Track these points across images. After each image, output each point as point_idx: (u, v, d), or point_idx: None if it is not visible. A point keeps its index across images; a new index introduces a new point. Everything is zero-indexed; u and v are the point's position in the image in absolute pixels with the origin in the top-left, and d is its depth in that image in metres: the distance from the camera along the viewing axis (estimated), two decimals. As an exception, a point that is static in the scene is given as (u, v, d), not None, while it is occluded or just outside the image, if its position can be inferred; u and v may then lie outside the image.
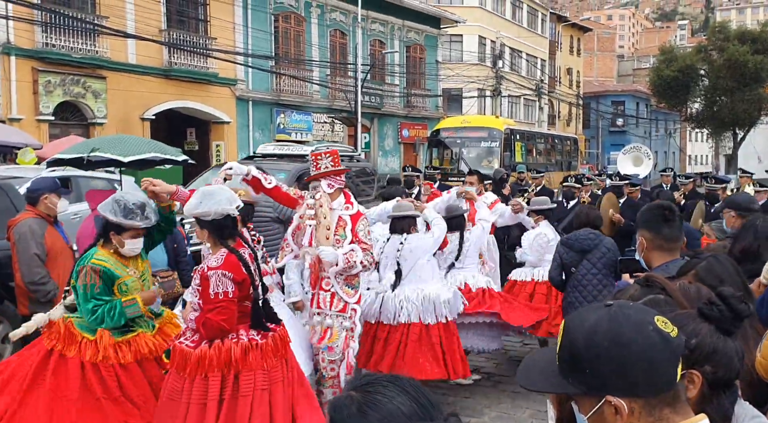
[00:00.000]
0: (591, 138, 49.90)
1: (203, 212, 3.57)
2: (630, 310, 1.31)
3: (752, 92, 35.84)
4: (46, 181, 5.34)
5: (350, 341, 4.64)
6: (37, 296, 4.97)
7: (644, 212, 3.10)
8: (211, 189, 3.69)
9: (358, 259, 4.49)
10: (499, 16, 39.66)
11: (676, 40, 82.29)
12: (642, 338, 1.26)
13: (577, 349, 1.30)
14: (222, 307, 3.46)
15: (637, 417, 1.28)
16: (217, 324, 3.47)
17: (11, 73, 16.64)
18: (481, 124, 22.18)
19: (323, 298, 4.63)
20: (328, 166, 4.63)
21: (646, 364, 1.25)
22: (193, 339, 3.58)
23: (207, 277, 3.49)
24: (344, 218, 4.61)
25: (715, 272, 2.35)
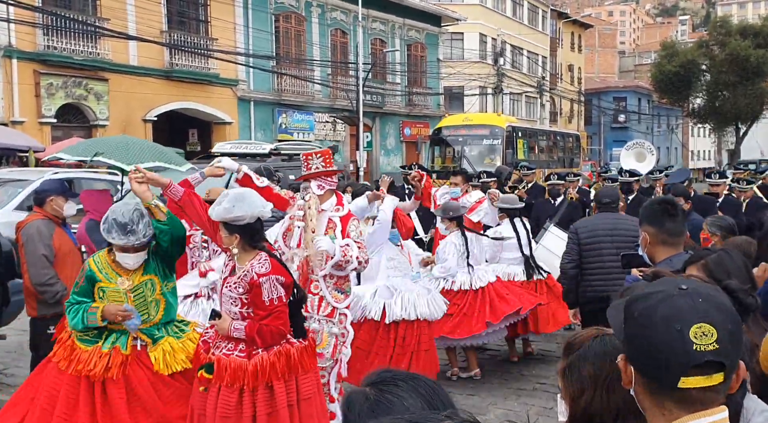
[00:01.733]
0: (593, 134, 49.83)
1: (238, 217, 3.42)
2: (685, 303, 1.30)
3: (754, 87, 35.83)
4: (53, 183, 5.35)
5: (342, 347, 4.50)
6: (46, 297, 4.98)
7: (647, 207, 3.11)
8: (241, 192, 3.57)
9: (354, 254, 4.36)
10: (499, 14, 39.63)
11: (678, 35, 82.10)
12: (662, 331, 1.27)
13: (627, 302, 1.36)
14: (278, 313, 3.42)
15: (642, 389, 1.33)
16: (276, 329, 3.42)
17: (13, 76, 16.69)
18: (482, 121, 22.15)
19: (311, 302, 4.47)
20: (319, 167, 4.49)
21: (652, 353, 1.28)
22: (241, 349, 3.46)
23: (259, 284, 3.40)
24: (334, 220, 4.48)
25: (725, 265, 2.35)
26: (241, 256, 3.51)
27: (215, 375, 3.41)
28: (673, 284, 1.35)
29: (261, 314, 3.42)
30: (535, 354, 6.85)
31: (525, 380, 6.13)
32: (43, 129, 17.14)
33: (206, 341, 3.59)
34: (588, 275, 5.22)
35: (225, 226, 3.48)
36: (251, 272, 3.42)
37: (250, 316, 3.47)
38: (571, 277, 5.31)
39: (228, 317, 3.49)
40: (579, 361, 1.71)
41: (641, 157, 15.39)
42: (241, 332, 3.43)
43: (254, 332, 3.41)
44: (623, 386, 1.39)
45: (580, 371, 1.69)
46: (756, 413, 1.71)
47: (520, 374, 6.29)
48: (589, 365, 1.69)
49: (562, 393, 1.75)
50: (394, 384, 1.20)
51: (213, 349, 3.50)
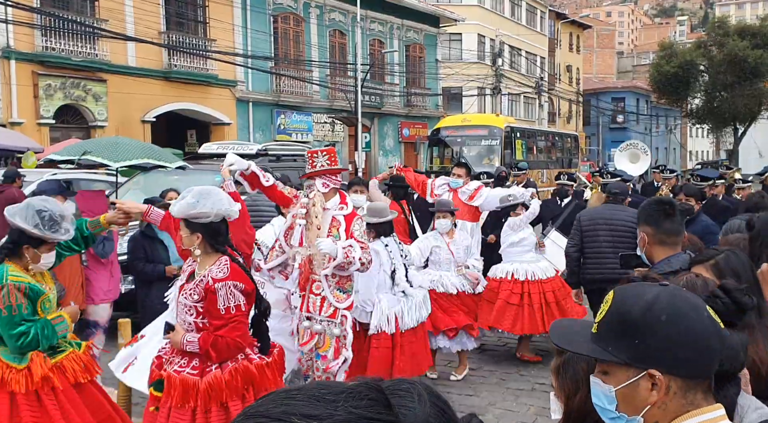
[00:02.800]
0: (591, 135, 49.87)
1: (202, 213, 3.15)
2: (686, 293, 1.34)
3: (752, 87, 35.84)
4: (51, 184, 5.36)
5: (342, 350, 4.41)
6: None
7: (645, 208, 3.11)
8: (207, 188, 3.32)
9: (357, 255, 4.30)
10: (498, 14, 39.66)
11: (676, 35, 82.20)
12: (699, 319, 1.28)
13: (631, 319, 1.31)
14: (235, 323, 3.12)
15: (671, 397, 1.29)
16: (233, 342, 3.12)
17: (11, 77, 16.67)
18: (481, 122, 22.17)
19: (313, 302, 4.44)
20: (324, 165, 4.43)
21: (697, 344, 1.27)
22: (194, 365, 3.17)
23: (214, 290, 3.10)
24: (338, 218, 4.43)
25: (733, 265, 2.37)
26: (203, 259, 3.23)
27: (165, 393, 3.14)
28: (653, 287, 1.36)
29: (216, 324, 3.11)
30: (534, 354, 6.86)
31: (523, 380, 6.14)
32: (41, 130, 17.13)
33: (160, 356, 3.32)
34: (586, 259, 5.75)
35: (187, 223, 3.20)
36: (207, 277, 3.14)
37: (206, 327, 3.16)
38: (573, 260, 5.81)
39: (181, 329, 3.21)
40: (573, 359, 1.71)
41: (635, 158, 15.31)
42: (194, 345, 3.15)
43: (208, 345, 3.10)
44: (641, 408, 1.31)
45: (575, 369, 1.69)
46: (750, 410, 1.72)
47: (518, 374, 6.30)
48: (584, 363, 1.68)
49: (555, 391, 1.76)
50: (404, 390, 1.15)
51: (166, 365, 3.23)
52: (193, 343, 3.14)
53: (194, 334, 3.16)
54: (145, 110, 19.77)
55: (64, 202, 5.19)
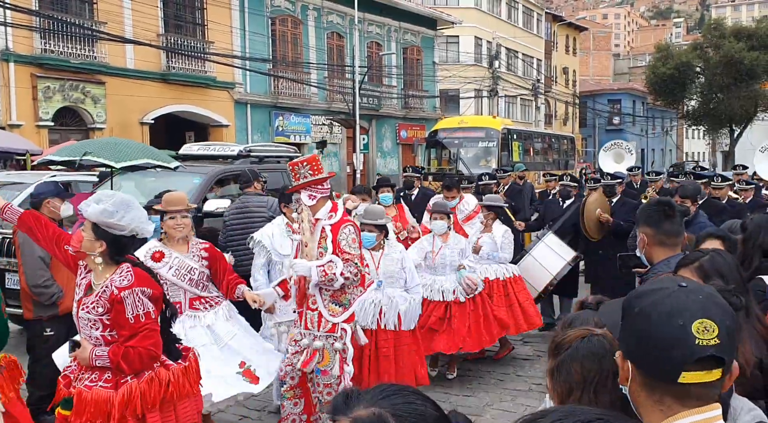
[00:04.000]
0: (588, 137, 49.99)
1: (118, 225, 2.98)
2: (686, 300, 1.33)
3: (748, 89, 35.95)
4: (49, 185, 5.35)
5: (344, 365, 4.28)
6: (42, 299, 5.02)
7: (644, 209, 3.11)
8: (129, 199, 3.10)
9: (337, 272, 4.09)
10: (494, 17, 39.74)
11: (672, 37, 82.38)
12: (664, 326, 1.30)
13: (626, 301, 1.40)
14: (146, 331, 2.95)
15: (639, 386, 1.35)
16: (145, 351, 2.95)
17: (10, 80, 16.70)
18: (478, 124, 22.19)
19: (311, 318, 4.28)
20: (307, 176, 4.18)
21: (653, 348, 1.30)
22: (106, 378, 3.00)
23: (120, 299, 2.92)
24: (326, 229, 4.24)
25: (718, 266, 2.38)
26: (102, 269, 3.04)
27: (75, 411, 2.96)
28: (673, 282, 1.38)
29: (126, 335, 2.94)
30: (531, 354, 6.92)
31: (520, 381, 6.19)
32: (40, 132, 17.15)
33: (67, 376, 3.13)
34: None
35: (94, 229, 3.00)
36: (111, 287, 2.96)
37: (115, 340, 2.99)
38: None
39: (88, 345, 3.01)
40: (567, 361, 1.71)
41: (619, 158, 15.27)
42: (104, 359, 2.97)
43: (119, 357, 2.93)
44: (620, 383, 1.40)
45: (568, 371, 1.70)
46: (743, 412, 1.76)
47: (515, 375, 6.35)
48: (577, 365, 1.69)
49: (550, 393, 1.77)
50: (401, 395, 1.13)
51: (75, 383, 3.05)
52: (103, 357, 2.97)
53: (103, 349, 2.99)
54: (144, 112, 19.79)
55: (62, 203, 5.22)
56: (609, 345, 1.67)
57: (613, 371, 1.60)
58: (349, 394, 1.13)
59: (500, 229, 6.73)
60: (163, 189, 5.43)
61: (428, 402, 1.14)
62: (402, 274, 5.28)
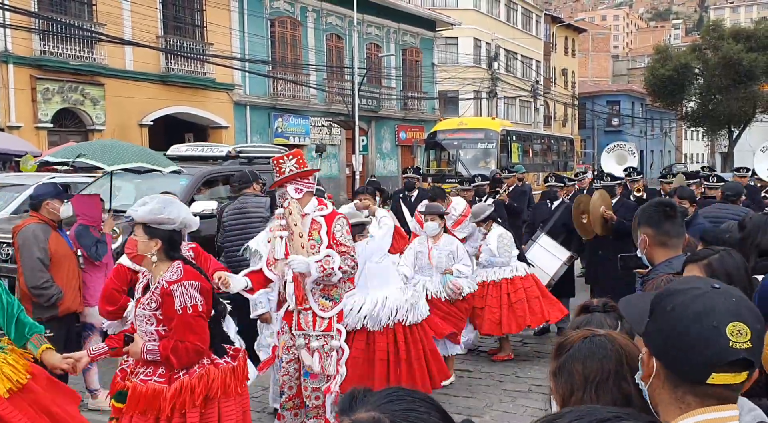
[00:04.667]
0: (587, 138, 50.04)
1: (169, 219, 3.10)
2: (720, 301, 1.32)
3: (747, 90, 35.99)
4: (48, 187, 5.35)
5: (339, 367, 4.18)
6: (41, 300, 5.02)
7: (645, 209, 3.09)
8: (170, 197, 3.28)
9: (335, 266, 4.03)
10: (493, 18, 39.80)
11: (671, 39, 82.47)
12: (697, 326, 1.29)
13: (657, 297, 1.39)
14: (194, 325, 3.05)
15: (662, 383, 1.36)
16: (192, 346, 3.04)
17: (9, 81, 16.70)
18: (477, 125, 22.23)
19: (305, 319, 4.16)
20: (292, 169, 4.16)
21: (685, 347, 1.30)
22: (160, 373, 3.09)
23: (170, 292, 3.03)
24: (318, 220, 4.17)
25: (727, 265, 2.38)
26: (157, 267, 3.16)
27: (128, 404, 3.06)
28: (706, 283, 1.38)
29: (175, 327, 3.05)
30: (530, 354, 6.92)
31: (520, 382, 6.18)
32: (39, 134, 17.15)
33: (124, 370, 3.26)
34: None
35: (146, 229, 3.12)
36: (161, 282, 3.09)
37: (167, 335, 3.10)
38: None
39: (140, 339, 3.13)
40: (569, 361, 1.70)
41: (622, 160, 15.23)
42: (155, 353, 3.07)
43: (168, 350, 3.02)
44: (641, 379, 1.41)
45: (570, 372, 1.68)
46: (744, 412, 1.76)
47: (515, 376, 6.34)
48: (579, 366, 1.68)
49: (553, 394, 1.75)
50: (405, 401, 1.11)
51: (131, 377, 3.17)
52: (153, 351, 3.07)
53: (154, 343, 3.09)
54: (143, 114, 19.80)
55: (61, 204, 5.22)
56: (611, 345, 1.67)
57: (615, 371, 1.60)
58: (356, 395, 1.12)
59: (494, 234, 6.64)
60: (148, 190, 5.42)
61: (434, 410, 1.11)
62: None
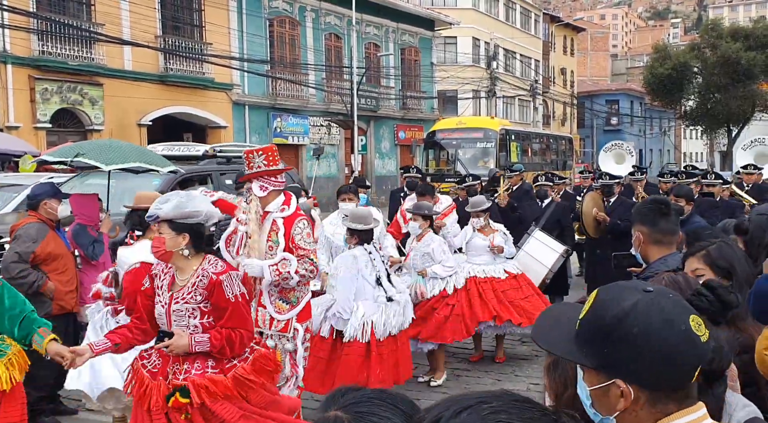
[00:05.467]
0: (586, 137, 50.04)
1: (195, 211, 3.14)
2: (668, 302, 1.26)
3: (745, 89, 36.00)
4: (45, 187, 5.36)
5: (295, 367, 4.11)
6: (23, 290, 5.04)
7: (640, 207, 3.11)
8: (189, 192, 3.29)
9: (291, 269, 3.91)
10: (492, 18, 39.79)
11: (670, 38, 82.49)
12: (672, 336, 1.23)
13: (602, 326, 1.27)
14: (244, 312, 3.14)
15: (641, 406, 1.27)
16: (246, 333, 3.12)
17: (8, 82, 16.70)
18: (476, 125, 22.25)
19: (262, 316, 4.10)
20: (260, 166, 4.05)
21: (666, 361, 1.23)
22: (212, 365, 3.10)
23: (220, 282, 3.08)
24: (278, 222, 4.06)
25: (726, 255, 2.36)
26: (188, 262, 3.16)
27: (201, 398, 3.03)
28: (637, 291, 1.29)
29: (227, 316, 3.09)
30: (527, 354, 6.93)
31: (518, 381, 6.19)
32: (38, 134, 17.15)
33: (153, 372, 3.15)
34: None
35: (172, 225, 3.12)
36: (207, 273, 3.11)
37: (212, 326, 3.11)
38: None
39: (184, 333, 3.09)
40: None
41: (620, 159, 15.19)
42: (205, 344, 3.05)
43: (223, 339, 3.04)
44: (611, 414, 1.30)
45: (564, 368, 1.69)
46: (738, 408, 1.77)
47: (514, 375, 6.35)
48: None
49: (546, 389, 1.77)
50: (371, 403, 1.11)
51: (171, 378, 3.08)
52: (203, 343, 3.06)
53: (202, 335, 3.09)
54: (142, 114, 19.80)
55: (59, 204, 5.23)
56: None
57: None
58: (336, 394, 1.15)
59: (500, 225, 6.69)
60: (120, 191, 5.43)
61: (399, 415, 1.11)
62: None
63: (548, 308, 1.53)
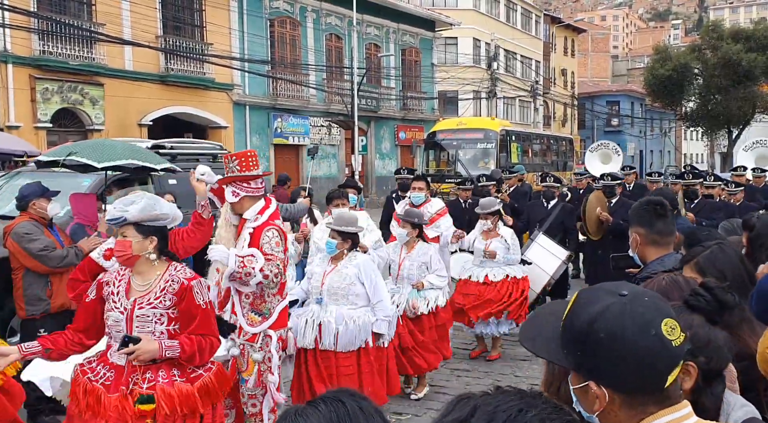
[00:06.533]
0: (586, 138, 49.95)
1: (163, 214, 3.04)
2: (641, 306, 1.27)
3: (746, 90, 35.97)
4: (33, 187, 5.33)
5: (267, 374, 4.01)
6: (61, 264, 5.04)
7: (636, 208, 3.11)
8: (152, 195, 3.15)
9: (257, 266, 3.79)
10: (493, 19, 39.80)
11: (670, 39, 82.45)
12: (641, 341, 1.24)
13: (576, 330, 1.29)
14: (212, 320, 3.08)
15: (618, 407, 1.29)
16: (215, 340, 3.06)
17: (9, 81, 16.71)
18: (476, 125, 22.23)
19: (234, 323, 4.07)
20: (233, 171, 3.94)
21: (637, 366, 1.25)
22: (178, 375, 2.98)
23: (190, 288, 2.99)
24: (246, 232, 3.99)
25: (717, 263, 2.35)
26: (150, 268, 3.04)
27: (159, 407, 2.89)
28: (612, 294, 1.30)
29: (197, 323, 2.99)
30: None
31: (519, 381, 6.20)
32: (38, 134, 17.15)
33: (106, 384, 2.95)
34: None
35: (139, 228, 3.01)
36: (178, 278, 3.01)
37: (178, 334, 3.00)
38: None
39: (151, 338, 2.94)
40: None
41: (607, 159, 15.15)
42: (175, 350, 2.92)
43: (194, 347, 2.94)
44: (592, 413, 1.32)
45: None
46: (736, 407, 1.78)
47: (513, 375, 6.36)
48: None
49: (543, 384, 1.78)
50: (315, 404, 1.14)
51: (133, 386, 2.92)
52: (174, 348, 2.93)
53: (171, 340, 2.97)
54: (142, 114, 19.80)
55: (48, 203, 5.22)
56: None
57: None
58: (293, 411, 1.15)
59: (507, 231, 6.69)
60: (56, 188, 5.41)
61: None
62: (352, 290, 4.67)
63: (541, 307, 1.56)
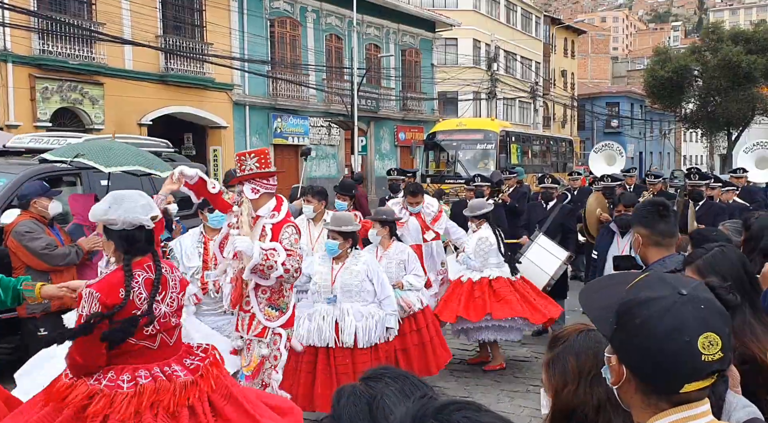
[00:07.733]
0: (586, 139, 50.00)
1: (110, 220, 2.92)
2: (690, 311, 1.28)
3: (745, 92, 36.02)
4: (35, 185, 5.35)
5: (271, 371, 4.06)
6: (62, 263, 5.15)
7: (639, 209, 3.13)
8: (123, 193, 3.03)
9: (279, 260, 3.90)
10: (493, 19, 39.81)
11: (670, 41, 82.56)
12: (669, 342, 1.26)
13: (622, 303, 1.35)
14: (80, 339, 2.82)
15: (633, 389, 1.33)
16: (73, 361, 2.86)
17: (8, 80, 16.69)
18: (476, 126, 22.23)
19: (241, 320, 4.14)
20: (252, 168, 4.04)
21: (657, 363, 1.28)
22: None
23: (80, 296, 2.88)
24: (266, 228, 4.06)
25: (717, 266, 2.34)
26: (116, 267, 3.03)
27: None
28: (673, 289, 1.33)
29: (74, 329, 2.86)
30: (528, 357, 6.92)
31: (518, 382, 6.20)
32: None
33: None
34: None
35: (104, 229, 2.99)
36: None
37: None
38: None
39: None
40: (563, 354, 1.73)
41: (611, 160, 15.13)
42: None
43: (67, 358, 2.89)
44: (610, 384, 1.38)
45: (564, 364, 1.71)
46: (738, 408, 1.77)
47: (513, 376, 6.36)
48: (573, 359, 1.70)
49: (545, 386, 1.77)
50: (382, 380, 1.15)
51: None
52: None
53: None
54: (142, 113, 19.79)
55: (49, 202, 5.22)
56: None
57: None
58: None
59: (476, 235, 6.43)
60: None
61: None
62: (364, 287, 4.83)
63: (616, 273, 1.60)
